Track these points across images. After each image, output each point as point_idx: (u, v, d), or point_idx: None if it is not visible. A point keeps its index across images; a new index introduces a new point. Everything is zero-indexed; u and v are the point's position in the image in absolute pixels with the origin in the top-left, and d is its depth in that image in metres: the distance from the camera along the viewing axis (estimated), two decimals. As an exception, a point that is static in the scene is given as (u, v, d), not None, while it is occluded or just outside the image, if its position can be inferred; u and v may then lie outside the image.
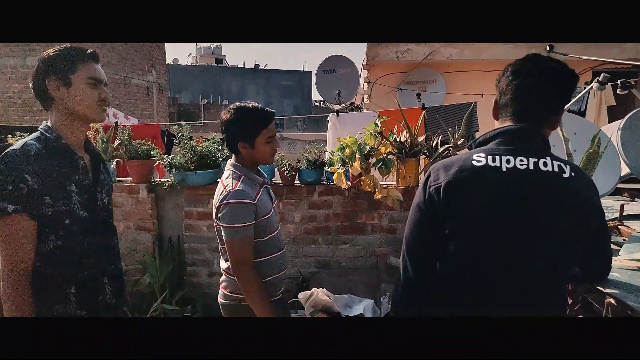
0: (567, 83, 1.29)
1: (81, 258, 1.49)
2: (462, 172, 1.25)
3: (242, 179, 1.86)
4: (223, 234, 1.82)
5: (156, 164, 3.72)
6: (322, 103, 26.50)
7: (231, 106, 1.91)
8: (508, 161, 1.22)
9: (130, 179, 3.71)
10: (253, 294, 1.80)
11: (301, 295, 3.01)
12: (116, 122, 4.99)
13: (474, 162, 1.25)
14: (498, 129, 1.31)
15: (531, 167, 1.21)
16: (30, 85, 1.48)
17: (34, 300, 1.39)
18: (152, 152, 3.64)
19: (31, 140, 1.43)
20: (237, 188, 1.80)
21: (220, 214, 1.81)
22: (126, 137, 3.63)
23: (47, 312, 1.43)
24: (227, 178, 1.89)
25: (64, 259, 1.44)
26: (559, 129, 1.85)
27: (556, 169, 1.21)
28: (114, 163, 3.68)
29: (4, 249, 1.35)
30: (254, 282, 1.81)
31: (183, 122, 3.77)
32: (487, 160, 1.24)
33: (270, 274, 1.94)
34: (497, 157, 1.23)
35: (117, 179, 3.77)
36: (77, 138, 1.53)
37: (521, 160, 1.22)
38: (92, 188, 1.53)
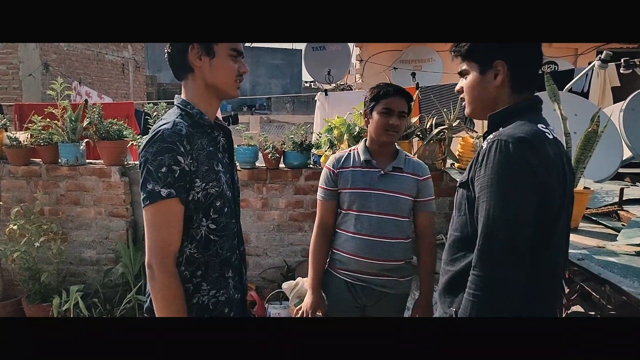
0: None
1: (233, 240, 1.45)
2: None
3: None
4: None
5: (129, 145, 3.50)
6: (312, 84, 25.94)
7: None
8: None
9: (101, 161, 3.51)
10: None
11: (285, 286, 2.92)
12: (86, 100, 4.71)
13: None
14: None
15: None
16: (167, 51, 1.38)
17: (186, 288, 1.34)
18: (124, 133, 3.44)
19: (178, 118, 1.33)
20: None
21: None
22: (96, 116, 3.43)
23: (212, 300, 1.39)
24: None
25: (220, 243, 1.39)
26: (556, 106, 1.69)
27: None
28: (83, 144, 3.44)
29: (155, 235, 1.27)
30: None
31: (160, 101, 3.52)
32: None
33: None
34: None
35: (87, 161, 3.55)
36: (213, 113, 1.45)
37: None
38: (230, 166, 1.49)
